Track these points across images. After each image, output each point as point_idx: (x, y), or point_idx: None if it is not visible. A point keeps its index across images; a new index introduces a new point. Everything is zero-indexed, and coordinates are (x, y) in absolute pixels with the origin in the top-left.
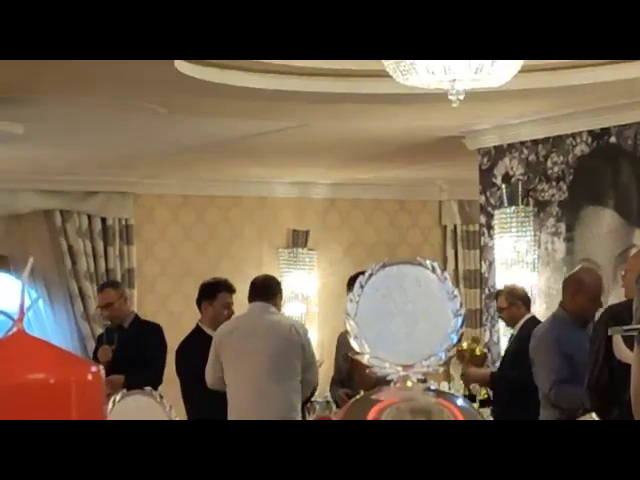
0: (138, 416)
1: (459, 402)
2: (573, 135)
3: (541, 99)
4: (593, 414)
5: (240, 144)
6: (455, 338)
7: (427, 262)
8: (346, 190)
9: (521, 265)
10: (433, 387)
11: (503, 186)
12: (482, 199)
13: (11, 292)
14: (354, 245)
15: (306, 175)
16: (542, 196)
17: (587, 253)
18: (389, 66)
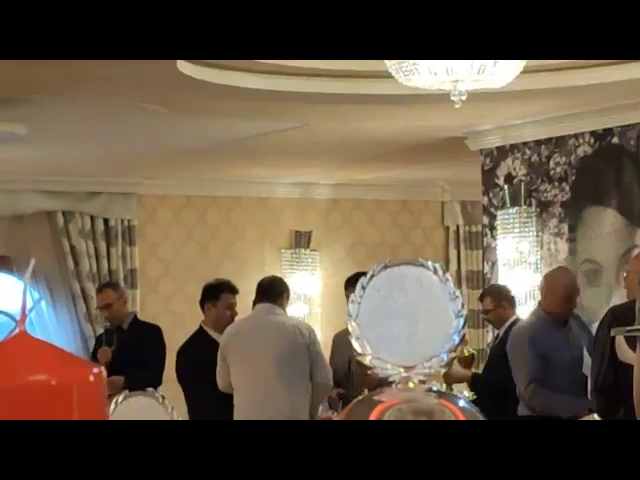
0: (140, 417)
1: (461, 403)
2: (576, 135)
3: (543, 100)
4: (595, 415)
5: (242, 145)
6: (457, 339)
7: (429, 263)
8: (348, 190)
9: (524, 266)
10: (435, 388)
11: (505, 187)
12: (484, 200)
13: (13, 293)
14: (356, 245)
15: (308, 176)
16: (545, 197)
17: (590, 254)
18: (392, 67)
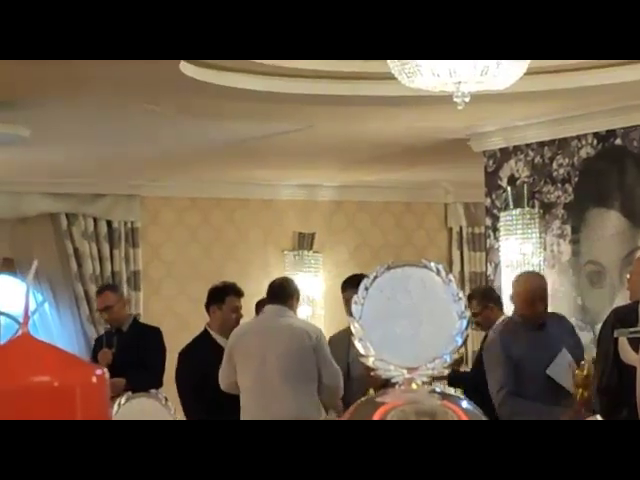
0: (143, 419)
1: (464, 404)
2: (579, 137)
3: (546, 101)
4: (598, 416)
5: (245, 146)
6: (460, 340)
7: (432, 264)
8: (352, 192)
9: (527, 267)
10: (438, 389)
11: (509, 188)
12: (487, 201)
13: (17, 295)
14: (360, 247)
15: (312, 177)
16: (548, 198)
17: (593, 255)
18: (394, 68)
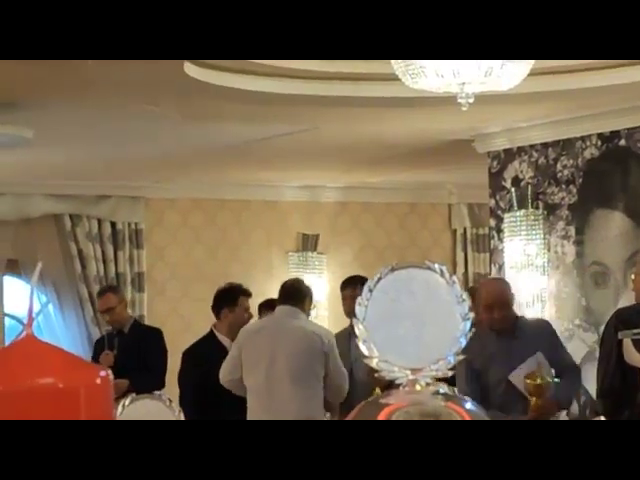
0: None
1: (468, 406)
2: (583, 138)
3: (551, 102)
4: (602, 417)
5: (249, 148)
6: (464, 342)
7: (436, 266)
8: (356, 193)
9: (531, 268)
10: (442, 391)
11: (513, 189)
12: (492, 202)
13: (21, 296)
14: (364, 248)
15: (316, 179)
16: (552, 199)
17: (597, 256)
18: (398, 69)
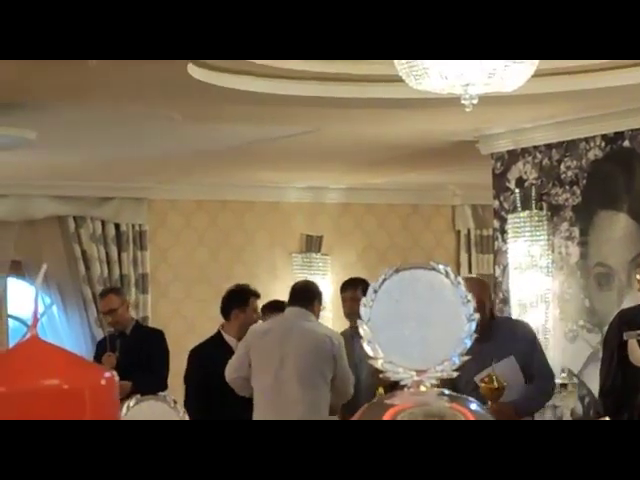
0: None
1: (473, 407)
2: (587, 139)
3: (555, 103)
4: (607, 418)
5: (253, 149)
6: (469, 343)
7: (440, 267)
8: (359, 195)
9: (535, 269)
10: (447, 392)
11: (516, 190)
12: (495, 203)
13: (25, 298)
14: (367, 250)
15: (319, 180)
16: (556, 200)
17: (601, 257)
18: (402, 70)
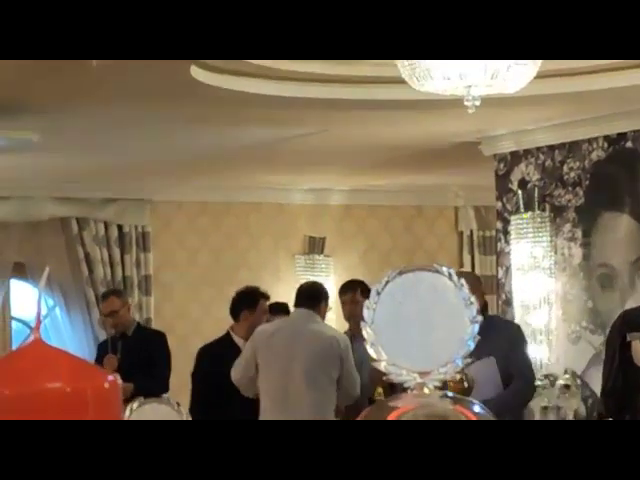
0: None
1: (476, 409)
2: (589, 140)
3: (557, 105)
4: (610, 418)
5: (257, 151)
6: (472, 344)
7: (443, 268)
8: (362, 196)
9: (537, 271)
10: (450, 394)
11: (519, 192)
12: (498, 205)
13: (28, 300)
14: (370, 251)
15: (322, 182)
16: (558, 201)
17: (603, 258)
18: (405, 72)
